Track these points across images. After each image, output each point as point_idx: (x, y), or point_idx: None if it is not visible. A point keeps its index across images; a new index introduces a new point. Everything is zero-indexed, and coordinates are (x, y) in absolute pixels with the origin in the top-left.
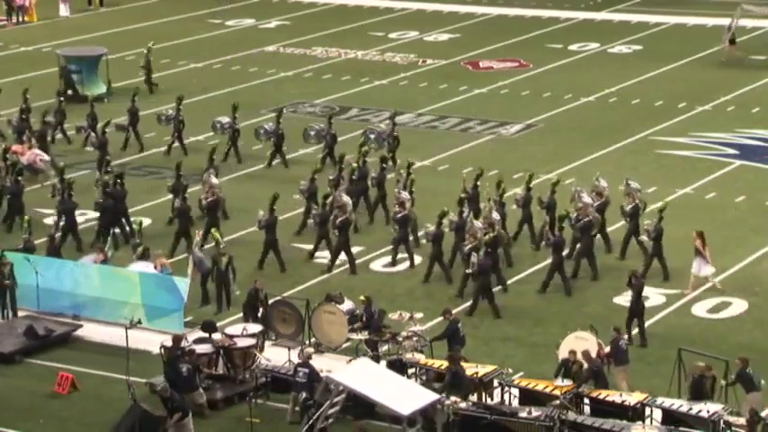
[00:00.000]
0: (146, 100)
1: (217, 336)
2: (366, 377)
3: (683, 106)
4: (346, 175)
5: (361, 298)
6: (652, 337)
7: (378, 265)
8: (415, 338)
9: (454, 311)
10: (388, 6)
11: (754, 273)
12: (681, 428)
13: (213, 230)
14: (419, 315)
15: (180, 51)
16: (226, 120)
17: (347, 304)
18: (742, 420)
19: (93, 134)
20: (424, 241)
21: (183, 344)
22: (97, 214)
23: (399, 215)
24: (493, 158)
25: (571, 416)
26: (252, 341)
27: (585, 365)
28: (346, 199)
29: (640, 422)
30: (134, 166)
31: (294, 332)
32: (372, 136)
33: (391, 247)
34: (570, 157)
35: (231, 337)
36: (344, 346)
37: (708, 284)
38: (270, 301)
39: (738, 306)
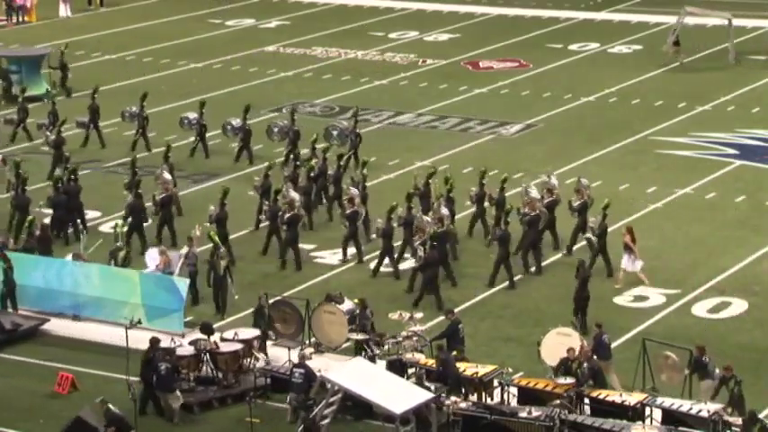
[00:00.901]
0: (64, 105)
1: (202, 338)
2: (360, 377)
3: (683, 106)
4: (304, 172)
5: (356, 301)
6: (652, 337)
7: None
8: (415, 338)
9: (453, 311)
10: (388, 6)
11: (754, 273)
12: (681, 428)
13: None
14: (419, 315)
15: (180, 51)
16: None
17: (347, 304)
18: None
19: (48, 133)
20: (374, 236)
21: (176, 343)
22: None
23: (349, 211)
24: (493, 158)
25: (571, 415)
26: (238, 346)
27: (585, 364)
28: (294, 195)
29: (640, 422)
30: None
31: (294, 332)
32: (335, 132)
33: (341, 243)
34: (570, 157)
35: (224, 340)
36: (344, 346)
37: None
38: (270, 301)
39: (738, 306)
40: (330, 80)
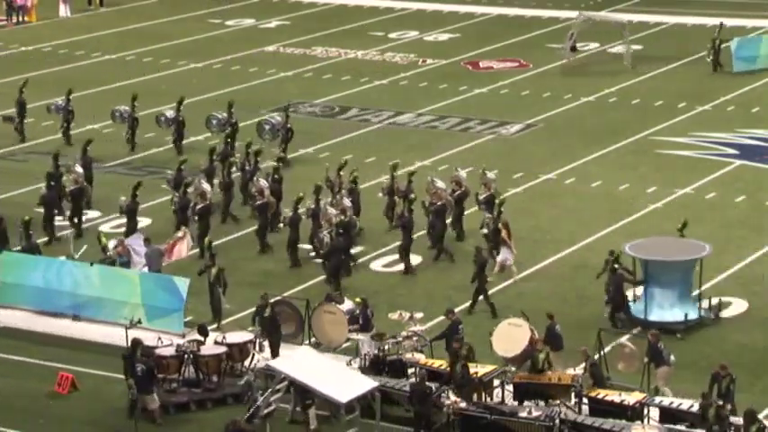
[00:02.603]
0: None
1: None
2: (306, 366)
3: (683, 106)
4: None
5: (357, 300)
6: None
7: (378, 265)
8: (414, 338)
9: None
10: (388, 6)
11: (754, 273)
12: (681, 428)
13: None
14: (419, 315)
15: (180, 51)
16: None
17: (347, 304)
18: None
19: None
20: (281, 225)
21: (162, 343)
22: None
23: (258, 203)
24: (493, 158)
25: (571, 415)
26: (222, 349)
27: (584, 363)
28: (206, 186)
29: (639, 422)
30: (134, 166)
31: (294, 332)
32: (267, 127)
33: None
34: (570, 157)
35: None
36: (344, 345)
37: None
38: (270, 301)
39: (738, 306)
40: (330, 80)
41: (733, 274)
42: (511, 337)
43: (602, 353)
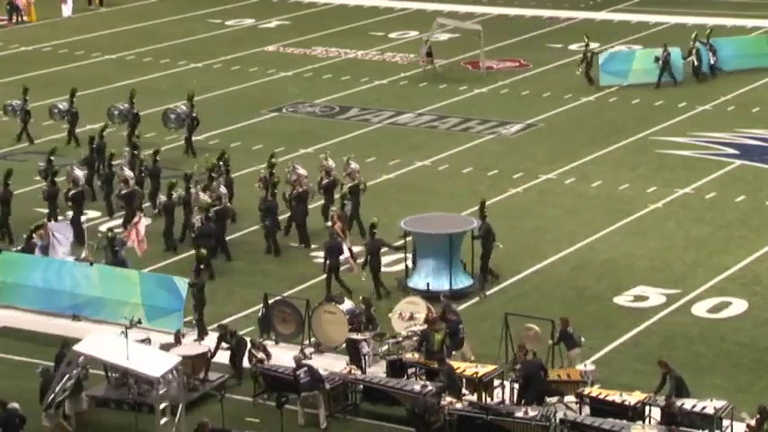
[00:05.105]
0: None
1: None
2: (110, 347)
3: (683, 106)
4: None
5: (360, 298)
6: (652, 336)
7: None
8: (414, 338)
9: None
10: (388, 6)
11: (754, 273)
12: (681, 428)
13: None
14: (419, 315)
15: (180, 51)
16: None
17: (347, 304)
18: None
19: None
20: (156, 211)
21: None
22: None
23: (124, 192)
24: (493, 158)
25: (571, 415)
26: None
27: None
28: (78, 172)
29: (640, 422)
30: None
31: (294, 332)
32: (173, 116)
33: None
34: (570, 157)
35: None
36: (344, 345)
37: (347, 265)
38: (270, 301)
39: (738, 306)
40: (330, 80)
41: (733, 274)
42: (407, 314)
43: (507, 336)
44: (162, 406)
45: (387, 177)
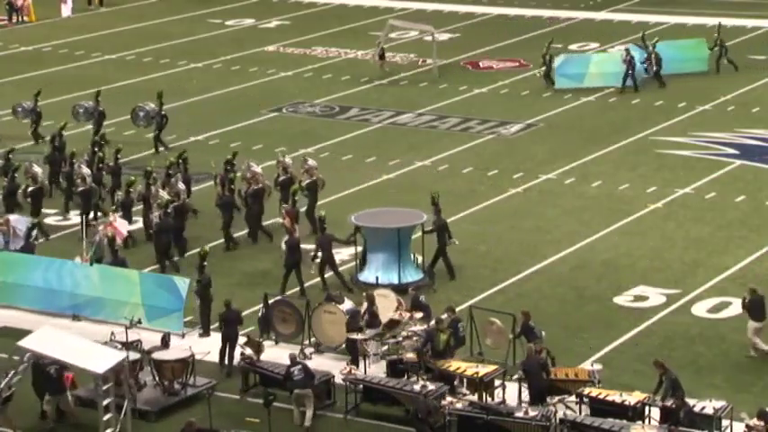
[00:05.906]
0: None
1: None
2: (55, 343)
3: (683, 106)
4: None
5: (363, 295)
6: (652, 336)
7: None
8: (414, 338)
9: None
10: (388, 6)
11: (754, 273)
12: (681, 428)
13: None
14: (419, 315)
15: (180, 51)
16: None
17: (347, 304)
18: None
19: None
20: (113, 207)
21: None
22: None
23: (81, 189)
24: (493, 158)
25: (571, 415)
26: (185, 354)
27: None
28: (37, 169)
29: (640, 422)
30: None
31: (294, 332)
32: (141, 114)
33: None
34: (570, 157)
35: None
36: (344, 345)
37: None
38: (270, 301)
39: (738, 306)
40: (330, 80)
41: (733, 274)
42: (380, 307)
43: (474, 329)
44: (105, 402)
45: (387, 177)
